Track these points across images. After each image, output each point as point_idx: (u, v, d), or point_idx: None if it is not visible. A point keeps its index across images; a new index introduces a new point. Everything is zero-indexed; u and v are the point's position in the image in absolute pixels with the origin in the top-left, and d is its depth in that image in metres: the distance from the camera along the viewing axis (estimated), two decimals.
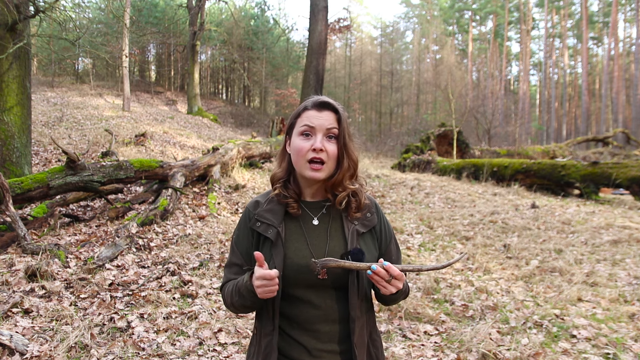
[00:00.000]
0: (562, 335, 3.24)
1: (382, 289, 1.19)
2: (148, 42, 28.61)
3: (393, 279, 1.18)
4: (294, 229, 1.29)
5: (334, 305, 1.25)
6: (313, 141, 1.24)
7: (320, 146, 1.23)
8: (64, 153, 5.61)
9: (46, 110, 15.51)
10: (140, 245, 4.92)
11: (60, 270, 4.13)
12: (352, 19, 35.44)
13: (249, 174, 8.88)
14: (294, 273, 1.23)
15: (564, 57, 44.37)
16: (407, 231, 6.21)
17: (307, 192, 1.33)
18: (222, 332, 3.25)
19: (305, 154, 1.24)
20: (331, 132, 1.26)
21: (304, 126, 1.26)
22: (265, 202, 1.33)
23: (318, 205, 1.33)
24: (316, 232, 1.29)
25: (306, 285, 1.24)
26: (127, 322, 3.31)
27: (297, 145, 1.26)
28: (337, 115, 1.27)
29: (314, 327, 1.25)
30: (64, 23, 8.66)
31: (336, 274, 1.24)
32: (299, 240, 1.27)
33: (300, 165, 1.26)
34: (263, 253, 1.26)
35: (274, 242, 1.25)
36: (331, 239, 1.28)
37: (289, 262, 1.23)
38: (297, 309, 1.25)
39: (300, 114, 1.29)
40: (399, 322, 3.52)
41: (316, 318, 1.25)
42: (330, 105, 1.28)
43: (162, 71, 32.75)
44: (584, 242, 5.66)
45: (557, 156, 15.96)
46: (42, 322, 3.21)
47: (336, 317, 1.25)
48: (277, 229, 1.26)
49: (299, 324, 1.25)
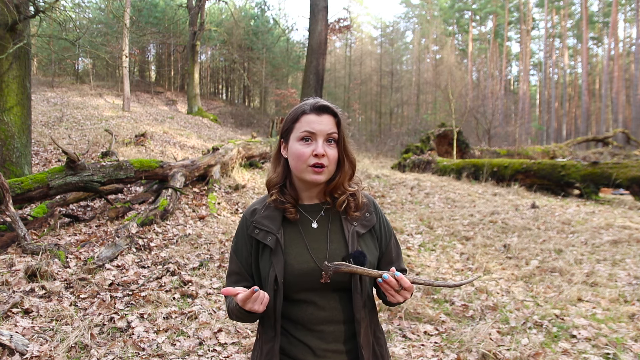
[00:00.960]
0: (562, 335, 3.24)
1: (390, 297, 1.19)
2: (148, 42, 28.61)
3: (402, 290, 1.18)
4: (293, 234, 1.28)
5: (338, 306, 1.25)
6: (314, 146, 1.23)
7: (322, 151, 1.22)
8: (64, 153, 5.62)
9: (46, 110, 15.50)
10: (140, 245, 4.92)
11: (60, 270, 4.13)
12: (352, 19, 35.44)
13: (249, 174, 8.89)
14: (295, 278, 1.23)
15: (564, 57, 44.37)
16: (407, 231, 6.21)
17: (304, 196, 1.33)
18: (222, 332, 3.25)
19: (307, 159, 1.23)
20: (331, 137, 1.25)
21: (304, 132, 1.24)
22: (263, 209, 1.32)
23: (316, 208, 1.33)
24: (316, 235, 1.29)
25: (309, 288, 1.24)
26: (127, 322, 3.31)
27: (297, 151, 1.25)
28: (336, 119, 1.27)
29: (318, 327, 1.25)
30: (64, 23, 8.66)
31: (339, 276, 1.23)
32: (298, 245, 1.27)
33: (302, 170, 1.25)
34: (263, 260, 1.27)
35: (274, 250, 1.24)
36: (331, 242, 1.27)
37: (290, 269, 1.23)
38: (302, 310, 1.25)
39: (298, 119, 1.27)
40: (399, 322, 3.52)
41: (321, 319, 1.25)
42: (329, 109, 1.26)
43: (162, 71, 32.75)
44: (584, 242, 5.66)
45: (557, 156, 15.96)
46: (42, 322, 3.21)
47: (341, 318, 1.26)
48: (275, 236, 1.25)
49: (303, 325, 1.25)
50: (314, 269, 1.23)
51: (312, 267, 1.24)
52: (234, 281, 1.33)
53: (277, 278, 1.21)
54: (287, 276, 1.23)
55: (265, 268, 1.25)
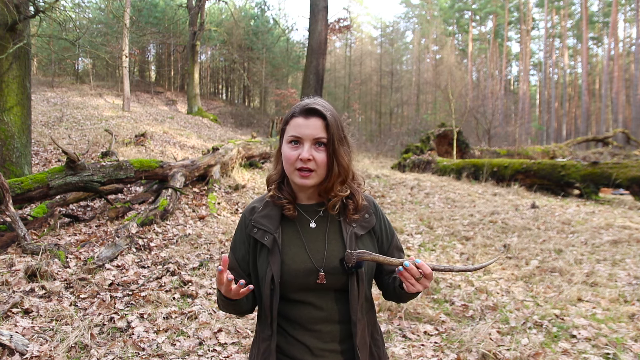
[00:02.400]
0: (562, 335, 3.24)
1: (410, 286, 1.18)
2: (148, 42, 28.62)
3: (423, 278, 1.17)
4: (291, 234, 1.28)
5: (335, 306, 1.25)
6: (300, 151, 1.22)
7: (308, 156, 1.20)
8: (64, 153, 5.62)
9: (46, 110, 15.50)
10: (140, 245, 4.92)
11: (60, 271, 4.13)
12: (352, 19, 35.45)
13: (249, 174, 8.89)
14: (292, 278, 1.23)
15: (564, 57, 44.38)
16: (407, 231, 6.21)
17: (301, 196, 1.32)
18: (222, 332, 3.25)
19: (294, 163, 1.23)
20: (319, 141, 1.22)
21: (291, 136, 1.24)
22: (261, 207, 1.32)
23: (314, 208, 1.32)
24: (314, 235, 1.28)
25: (306, 289, 1.24)
26: (127, 322, 3.31)
27: (286, 154, 1.25)
28: (325, 121, 1.23)
29: (315, 327, 1.25)
30: (63, 23, 8.66)
31: (336, 278, 1.24)
32: (296, 244, 1.26)
33: (290, 172, 1.25)
34: (260, 259, 1.26)
35: (271, 249, 1.24)
36: (329, 242, 1.27)
37: (287, 269, 1.23)
38: (299, 310, 1.25)
39: (288, 121, 1.27)
40: (398, 322, 3.52)
41: (318, 319, 1.25)
42: (317, 111, 1.23)
43: (162, 71, 32.76)
44: (583, 242, 5.66)
45: (557, 156, 15.96)
46: (42, 322, 3.21)
47: (338, 318, 1.26)
48: (273, 236, 1.25)
49: (301, 324, 1.25)
50: (312, 269, 1.23)
51: (309, 267, 1.23)
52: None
53: (274, 278, 1.21)
54: (284, 276, 1.23)
55: (263, 267, 1.25)
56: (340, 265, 1.23)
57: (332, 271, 1.23)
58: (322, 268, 1.23)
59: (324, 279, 1.22)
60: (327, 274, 1.23)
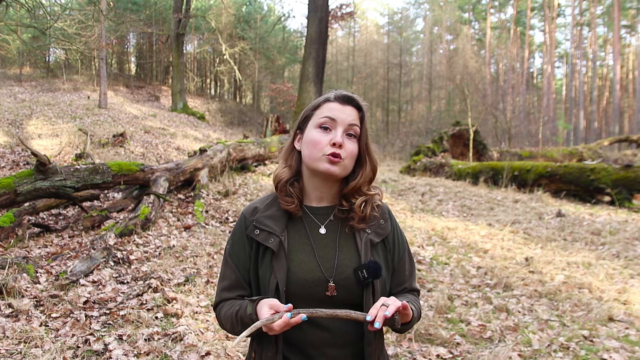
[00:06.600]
0: (591, 358, 3.25)
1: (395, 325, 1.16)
2: (127, 30, 28.69)
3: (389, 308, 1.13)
4: (299, 238, 1.26)
5: (343, 326, 1.22)
6: (333, 135, 1.24)
7: (341, 141, 1.23)
8: (34, 155, 5.64)
9: (13, 107, 15.56)
10: (118, 258, 4.94)
11: (29, 287, 4.14)
12: (355, 5, 35.53)
13: (241, 178, 8.91)
14: (298, 289, 1.21)
15: (594, 48, 44.52)
16: (417, 242, 6.23)
17: (313, 196, 1.31)
18: (211, 355, 3.26)
19: (323, 148, 1.23)
20: (352, 130, 1.26)
21: (324, 118, 1.25)
22: (265, 207, 1.31)
23: (325, 211, 1.31)
24: (323, 242, 1.26)
25: (312, 302, 1.20)
26: (104, 345, 3.32)
27: (313, 138, 1.25)
28: (360, 113, 1.28)
29: (319, 351, 1.22)
30: (32, 9, 8.71)
31: (348, 290, 1.22)
32: (304, 251, 1.25)
33: (316, 159, 1.24)
34: (263, 265, 1.23)
35: (276, 253, 1.22)
36: (340, 250, 1.25)
37: (293, 277, 1.21)
38: (301, 330, 1.20)
39: (320, 105, 1.29)
40: (408, 345, 3.53)
41: (323, 341, 1.21)
42: (354, 100, 1.29)
43: (143, 63, 32.83)
44: (615, 255, 5.68)
45: (586, 158, 16.00)
46: (9, 344, 3.22)
47: (346, 340, 1.23)
48: (279, 238, 1.23)
49: (301, 348, 1.22)
50: (320, 279, 1.21)
51: (317, 277, 1.21)
52: (227, 287, 1.30)
53: (279, 286, 1.19)
54: (290, 285, 1.20)
55: (266, 274, 1.22)
56: (353, 275, 1.21)
57: (344, 282, 1.22)
58: (332, 278, 1.22)
59: (334, 290, 1.20)
60: (338, 285, 1.21)
